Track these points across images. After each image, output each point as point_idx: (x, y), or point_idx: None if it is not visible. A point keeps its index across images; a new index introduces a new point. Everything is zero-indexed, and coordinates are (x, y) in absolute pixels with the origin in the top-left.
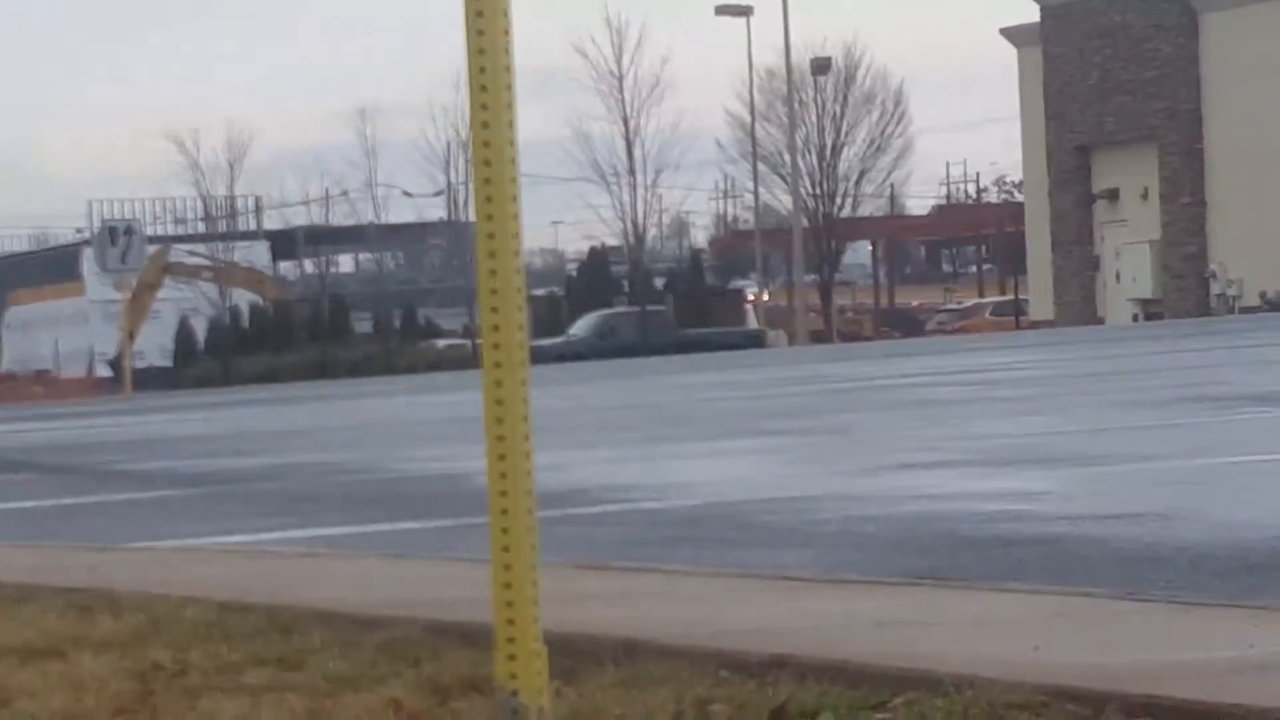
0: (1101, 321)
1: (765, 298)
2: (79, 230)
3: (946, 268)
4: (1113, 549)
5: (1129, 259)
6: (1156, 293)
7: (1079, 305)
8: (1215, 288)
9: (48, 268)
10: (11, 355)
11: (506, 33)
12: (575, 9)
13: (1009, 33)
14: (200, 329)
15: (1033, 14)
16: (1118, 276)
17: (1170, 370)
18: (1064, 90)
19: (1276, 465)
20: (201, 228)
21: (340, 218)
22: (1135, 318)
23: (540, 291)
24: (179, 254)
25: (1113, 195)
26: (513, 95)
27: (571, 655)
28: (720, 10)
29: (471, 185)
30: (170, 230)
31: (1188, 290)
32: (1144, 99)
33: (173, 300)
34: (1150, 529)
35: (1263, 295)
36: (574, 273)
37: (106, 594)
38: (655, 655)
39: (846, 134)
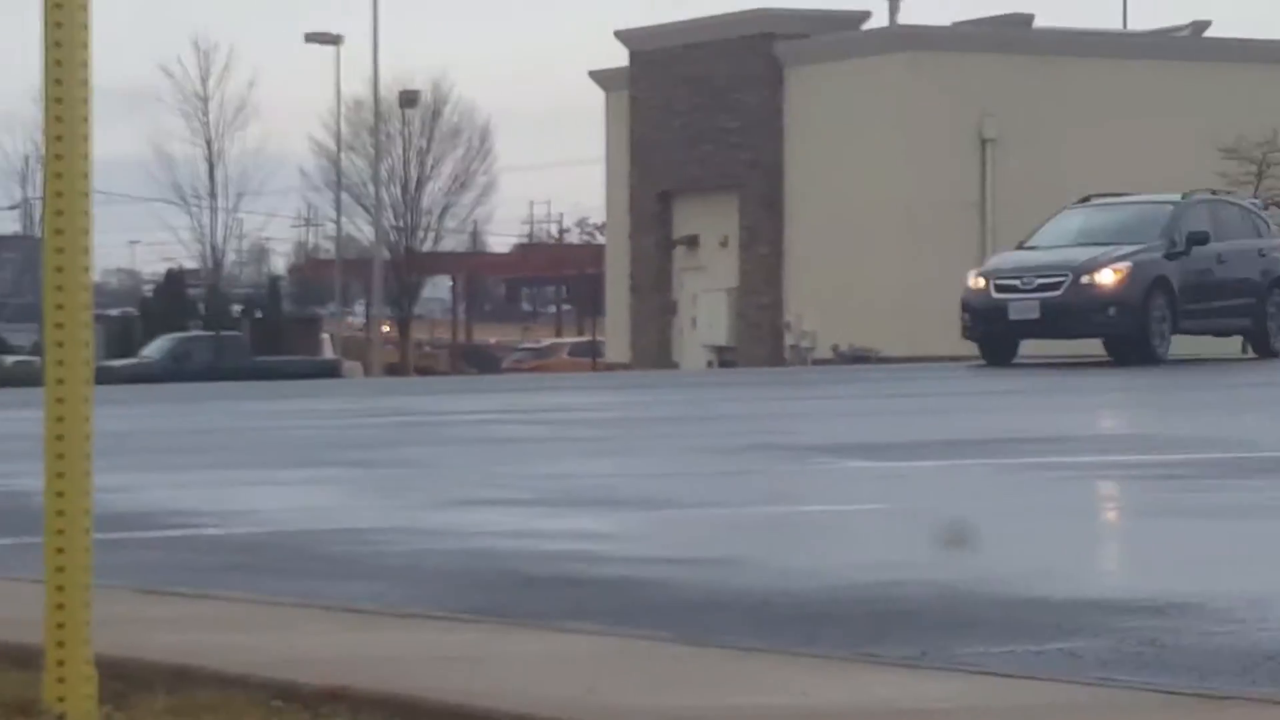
0: (676, 367)
1: (348, 325)
2: None
3: (526, 306)
4: (677, 593)
5: (706, 306)
6: (732, 340)
7: (655, 349)
8: (789, 339)
9: None
10: None
11: (85, 46)
12: (166, 30)
13: (598, 76)
14: None
15: (622, 59)
16: (694, 323)
17: (742, 418)
18: (649, 135)
19: (839, 515)
20: None
21: None
22: (710, 364)
23: (114, 312)
24: None
25: (693, 242)
26: (89, 111)
27: (124, 680)
28: (310, 38)
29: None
30: None
31: (763, 340)
32: (728, 148)
33: None
34: (714, 574)
35: (835, 348)
36: (150, 294)
37: None
38: (209, 683)
39: (432, 168)
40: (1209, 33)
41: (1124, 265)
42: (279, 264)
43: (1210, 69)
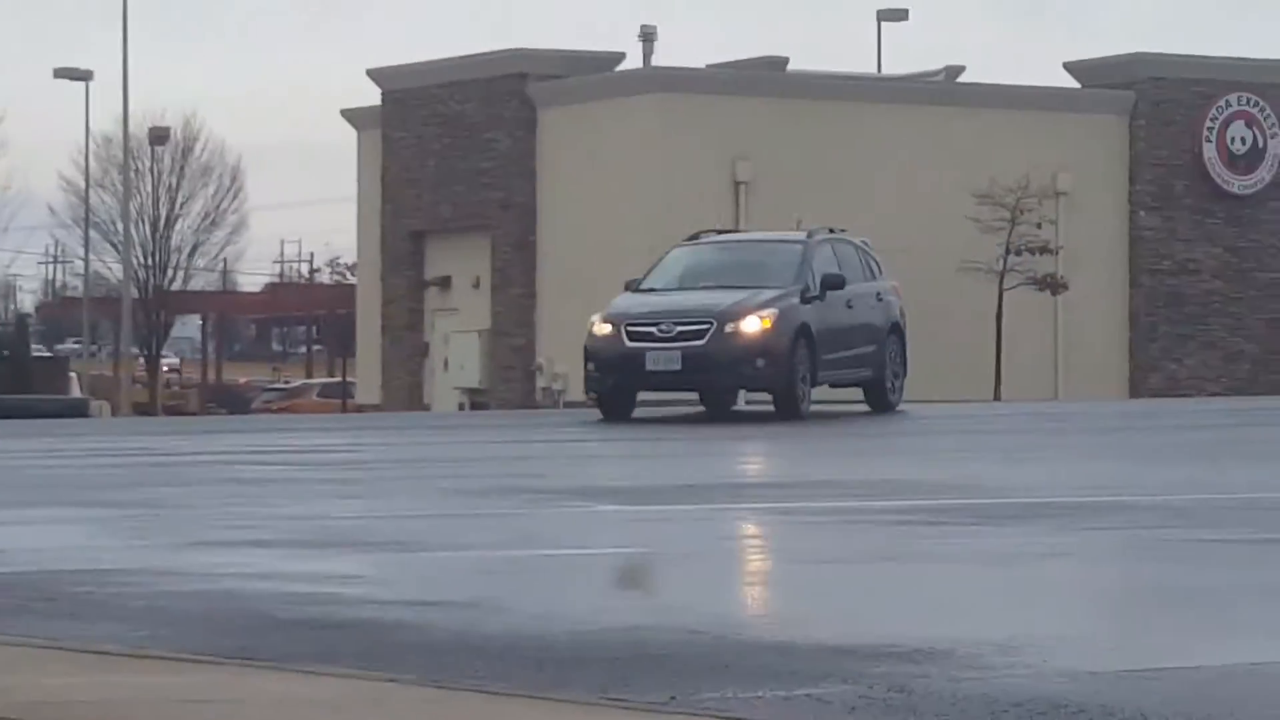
0: (428, 408)
1: (92, 364)
2: None
3: (277, 346)
4: (425, 636)
5: (458, 347)
6: (484, 383)
7: (407, 391)
8: (541, 381)
9: None
10: None
11: None
12: None
13: (350, 114)
14: None
15: (374, 98)
16: (446, 364)
17: (492, 461)
18: (401, 175)
19: (586, 559)
20: None
21: None
22: (461, 406)
23: None
24: None
25: (445, 283)
26: None
27: None
28: (59, 73)
29: None
30: None
31: (515, 382)
32: (480, 189)
33: None
34: (463, 617)
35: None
36: None
37: None
38: None
39: (182, 206)
40: (962, 78)
41: (770, 312)
42: (27, 301)
43: (963, 114)
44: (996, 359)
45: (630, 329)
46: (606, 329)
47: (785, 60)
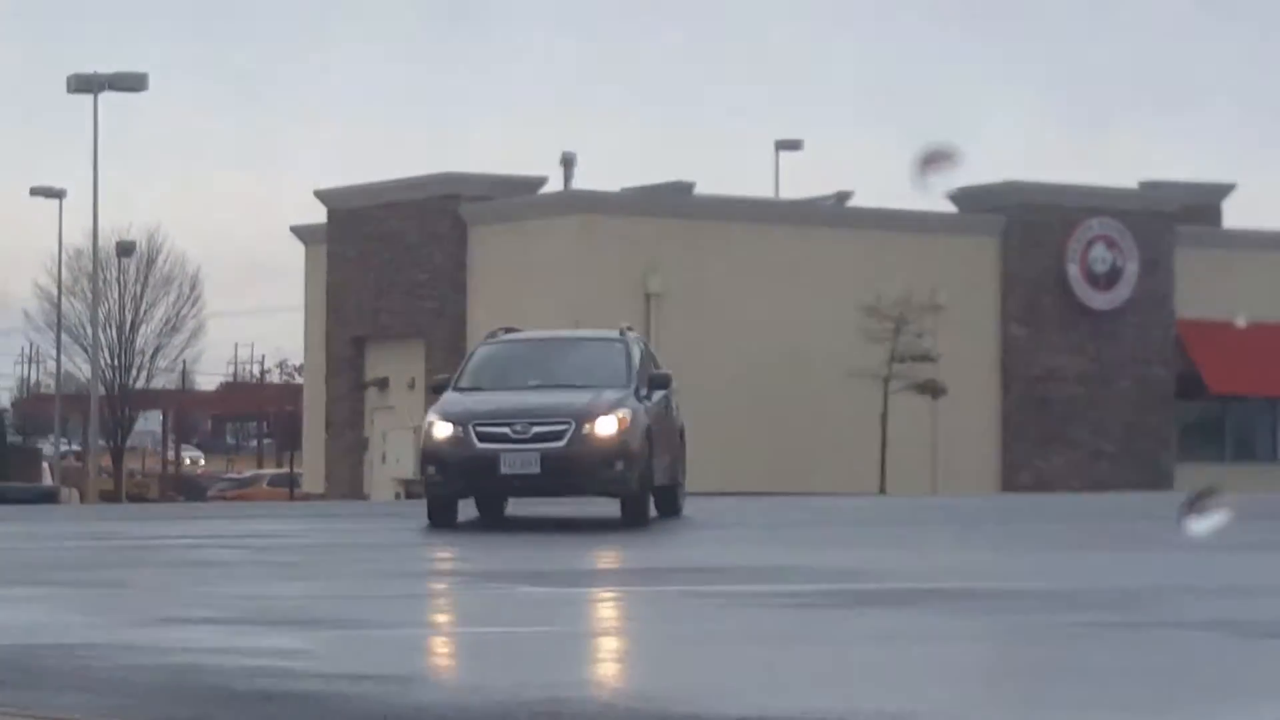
0: (368, 498)
1: (67, 457)
2: None
3: (231, 440)
4: (361, 706)
5: (394, 442)
6: (418, 474)
7: (348, 481)
8: None
9: None
10: None
11: None
12: None
13: (298, 230)
14: None
15: (321, 215)
16: (384, 457)
17: (426, 546)
18: (344, 286)
19: (510, 636)
20: None
21: None
22: (398, 496)
23: None
24: None
25: (383, 384)
26: None
27: None
28: (35, 191)
29: None
30: None
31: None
32: (416, 299)
33: None
34: (395, 690)
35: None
36: None
37: None
38: None
39: (145, 312)
40: (851, 202)
41: (624, 413)
42: (4, 397)
43: (852, 235)
44: (881, 456)
45: (480, 429)
46: (448, 430)
47: (692, 184)
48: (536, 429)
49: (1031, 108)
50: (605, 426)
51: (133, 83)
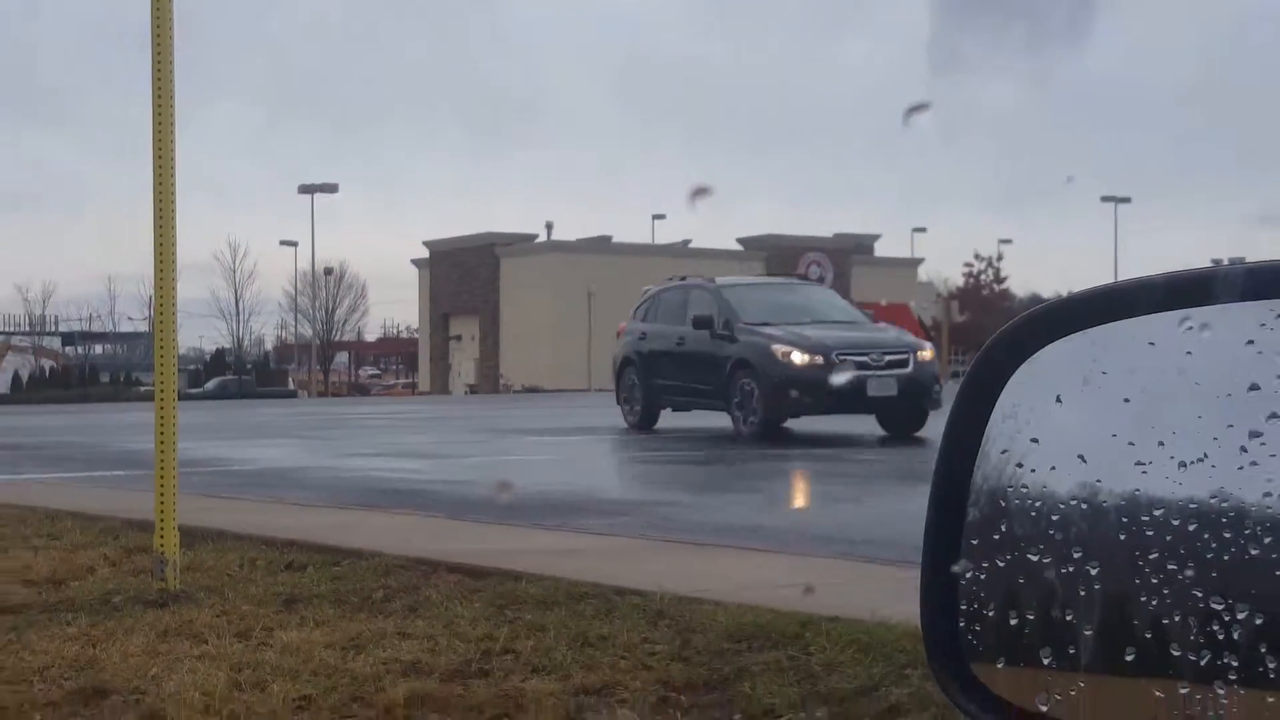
0: (449, 393)
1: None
2: None
3: (382, 366)
4: (449, 496)
5: (463, 366)
6: (476, 381)
7: (440, 385)
8: (502, 381)
9: None
10: None
11: (173, 233)
12: None
13: (416, 261)
14: (24, 376)
15: (425, 252)
16: (459, 373)
17: (479, 416)
18: (438, 287)
19: (528, 461)
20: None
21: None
22: (465, 392)
23: (191, 367)
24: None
25: (457, 339)
26: (174, 274)
27: (191, 537)
28: (282, 242)
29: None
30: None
31: (489, 380)
32: (472, 295)
33: (11, 362)
34: (466, 488)
35: (521, 386)
36: (209, 359)
37: None
38: (233, 539)
39: (338, 301)
40: (692, 244)
41: (929, 345)
42: (269, 343)
43: (692, 261)
44: None
45: (844, 358)
46: (807, 358)
47: (610, 236)
48: (889, 358)
49: (782, 184)
50: (928, 355)
51: (331, 188)
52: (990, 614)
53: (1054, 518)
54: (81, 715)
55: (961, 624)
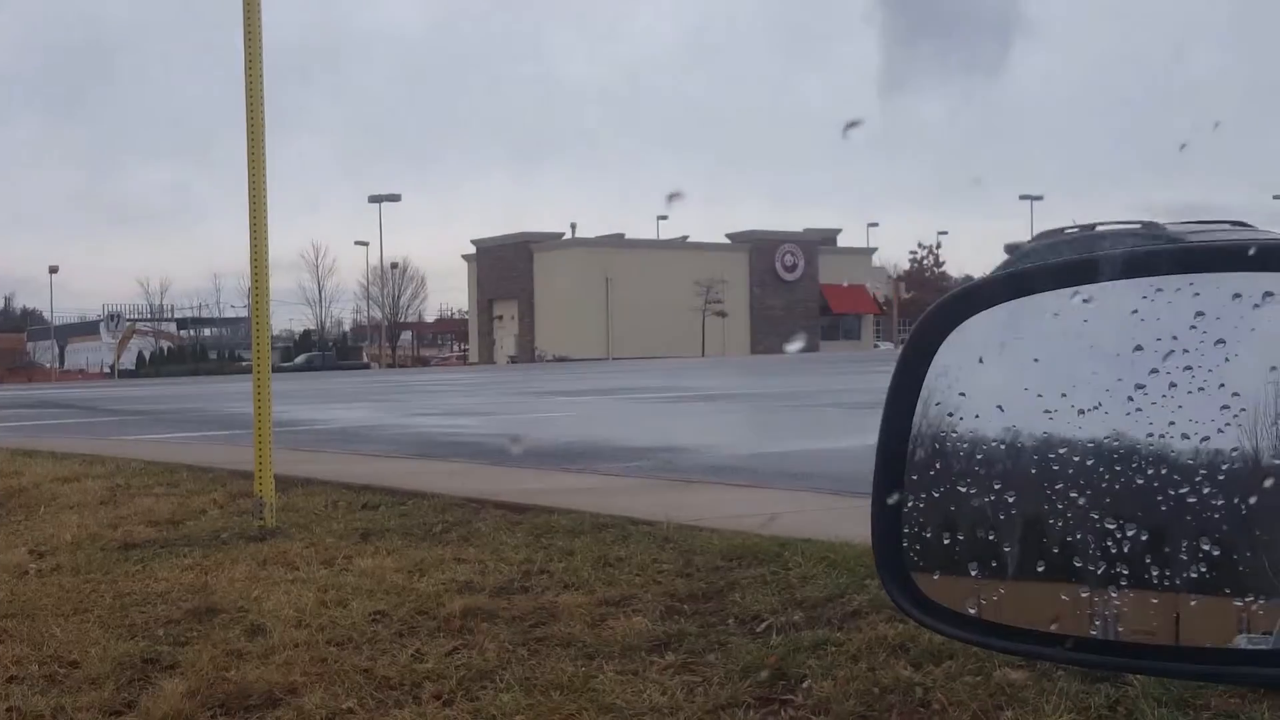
0: (494, 363)
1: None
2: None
3: (440, 342)
4: (493, 447)
5: (505, 340)
6: (517, 353)
7: (487, 357)
8: (538, 353)
9: (85, 329)
10: (69, 362)
11: (265, 235)
12: None
13: (466, 256)
14: (146, 355)
15: (472, 249)
16: (503, 346)
17: (518, 382)
18: (484, 278)
19: (555, 418)
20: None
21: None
22: (509, 361)
23: (281, 344)
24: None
25: (500, 319)
26: (267, 270)
27: (284, 483)
28: (357, 242)
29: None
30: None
31: (526, 352)
32: (512, 282)
33: (135, 344)
34: (507, 441)
35: (554, 356)
36: (298, 338)
37: (99, 457)
38: (318, 484)
39: (402, 288)
40: (690, 239)
41: None
42: (347, 324)
43: (691, 253)
44: (702, 346)
45: None
46: None
47: (623, 234)
48: None
49: (761, 189)
50: None
51: (395, 198)
52: (929, 535)
53: (978, 456)
54: (197, 630)
55: (905, 544)
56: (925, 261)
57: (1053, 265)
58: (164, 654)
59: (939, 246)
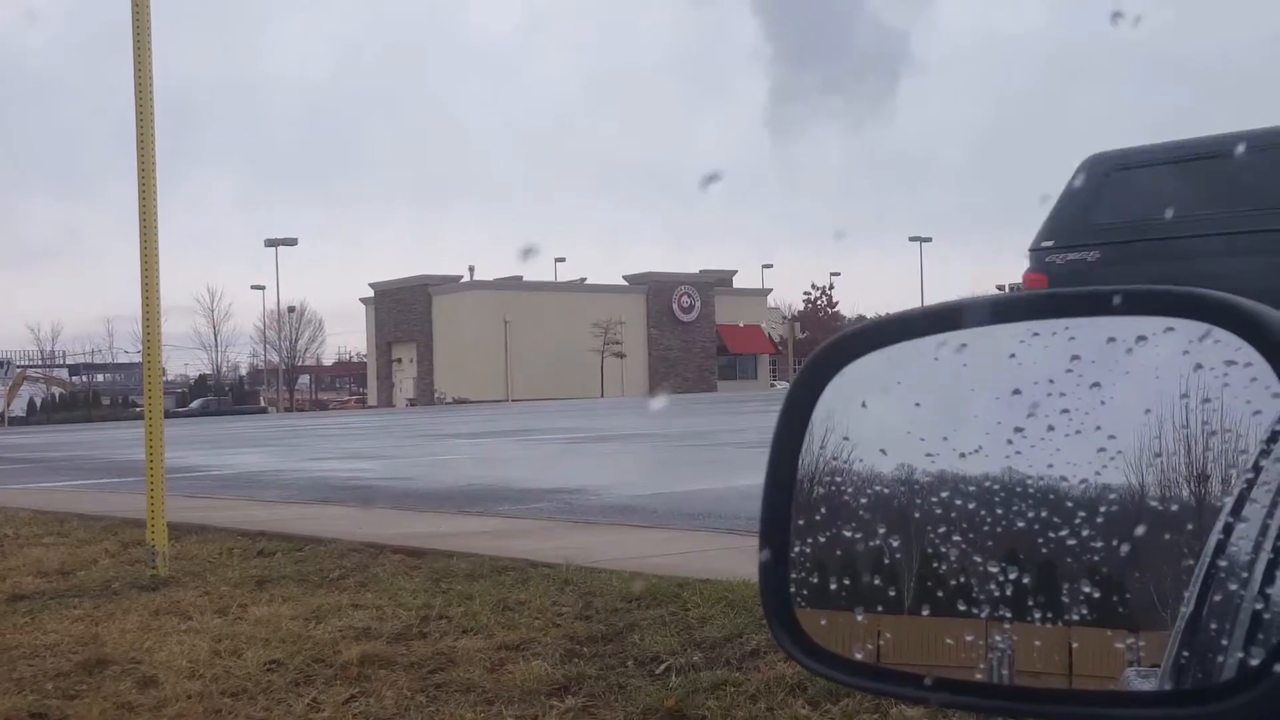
0: (394, 405)
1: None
2: None
3: (337, 386)
4: (393, 490)
5: (403, 383)
6: (415, 396)
7: (385, 399)
8: (438, 395)
9: None
10: None
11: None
12: None
13: (364, 299)
14: (38, 401)
15: (370, 292)
16: (400, 388)
17: (417, 424)
18: (383, 320)
19: (453, 459)
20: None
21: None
22: (409, 404)
23: (178, 390)
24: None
25: (399, 361)
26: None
27: (178, 531)
28: (253, 286)
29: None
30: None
31: (426, 395)
32: (410, 326)
33: (26, 390)
34: (408, 483)
35: (454, 398)
36: (193, 383)
37: None
38: (213, 531)
39: (300, 332)
40: (588, 280)
41: None
42: (243, 369)
43: (587, 295)
44: (601, 384)
45: None
46: None
47: (520, 276)
48: None
49: (657, 232)
50: None
51: (291, 241)
52: (815, 579)
53: (863, 500)
54: (88, 683)
55: (791, 589)
56: (819, 301)
57: (926, 310)
58: (53, 708)
59: (832, 287)
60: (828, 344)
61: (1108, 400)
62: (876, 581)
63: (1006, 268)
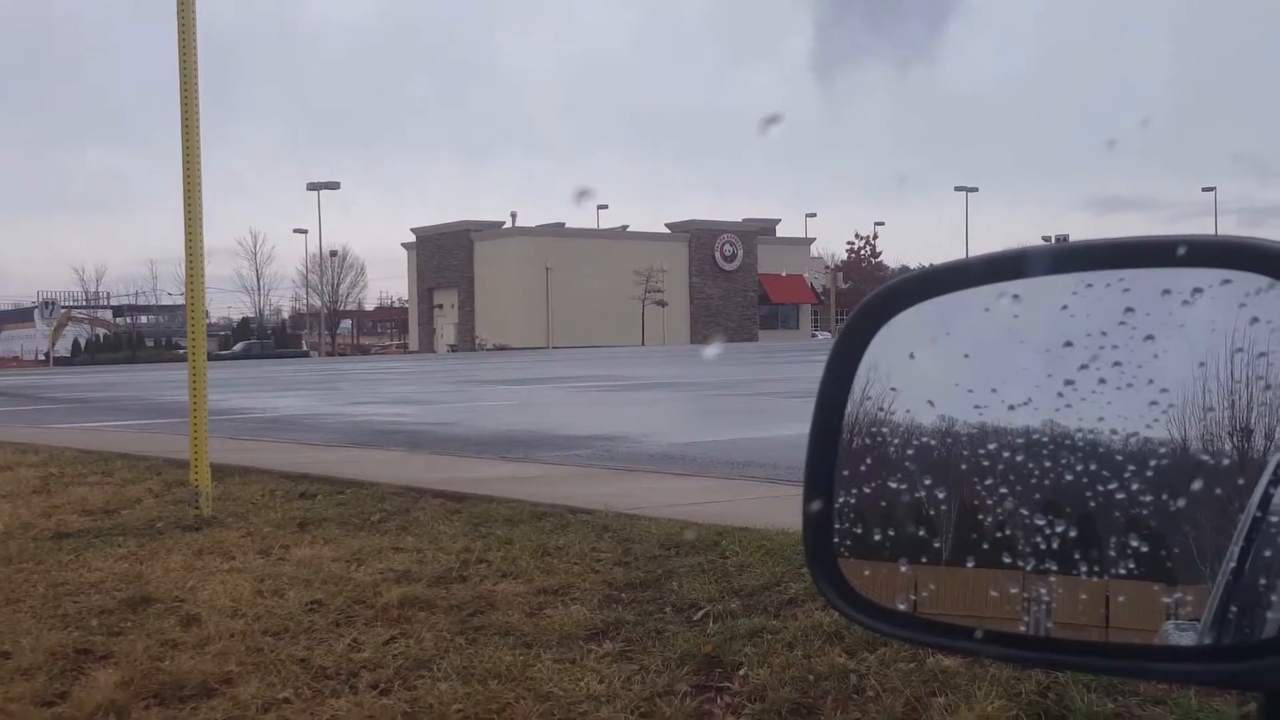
0: (435, 352)
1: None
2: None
3: (379, 331)
4: (435, 435)
5: (445, 329)
6: (456, 342)
7: (427, 346)
8: (478, 341)
9: (20, 316)
10: (3, 350)
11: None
12: None
13: (406, 245)
14: (82, 342)
15: (412, 237)
16: (442, 335)
17: (460, 369)
18: (424, 265)
19: (497, 406)
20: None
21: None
22: (450, 350)
23: (221, 332)
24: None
25: (440, 307)
26: (202, 258)
27: (221, 472)
28: (295, 230)
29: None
30: (70, 301)
31: (467, 341)
32: (452, 271)
33: (70, 331)
34: (449, 429)
35: (494, 345)
36: (236, 325)
37: (32, 446)
38: (255, 473)
39: (341, 276)
40: (630, 228)
41: None
42: (285, 313)
43: (630, 242)
44: (641, 334)
45: None
46: None
47: (563, 223)
48: None
49: (702, 180)
50: None
51: (334, 185)
52: (859, 529)
53: (910, 451)
54: (131, 620)
55: (835, 539)
56: (862, 252)
57: (982, 259)
58: (97, 644)
59: (876, 237)
60: (875, 294)
61: (1161, 353)
62: (920, 533)
63: (1053, 218)
